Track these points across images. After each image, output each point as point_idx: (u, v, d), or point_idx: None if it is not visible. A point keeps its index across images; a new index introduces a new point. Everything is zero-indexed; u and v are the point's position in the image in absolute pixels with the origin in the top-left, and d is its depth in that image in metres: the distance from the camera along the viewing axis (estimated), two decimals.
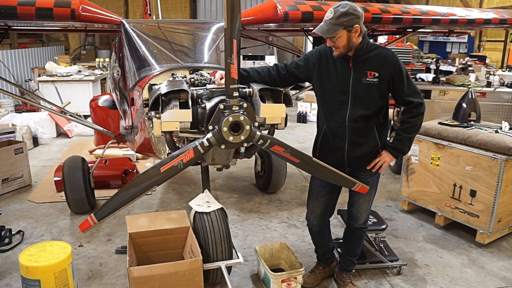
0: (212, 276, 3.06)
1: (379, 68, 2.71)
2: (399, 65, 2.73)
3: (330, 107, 2.84)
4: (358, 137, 2.81)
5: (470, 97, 4.46)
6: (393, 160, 2.89)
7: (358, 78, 2.72)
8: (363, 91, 2.73)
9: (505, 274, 3.50)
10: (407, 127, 2.81)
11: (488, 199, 3.77)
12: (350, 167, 2.92)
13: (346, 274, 3.26)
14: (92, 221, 2.52)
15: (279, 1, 3.99)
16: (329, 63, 2.81)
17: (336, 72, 2.78)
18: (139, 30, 3.99)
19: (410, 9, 4.66)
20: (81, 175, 4.33)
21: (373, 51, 2.74)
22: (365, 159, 2.88)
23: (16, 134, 6.43)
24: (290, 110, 7.65)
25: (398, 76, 2.73)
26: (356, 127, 2.78)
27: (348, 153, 2.84)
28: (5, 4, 3.27)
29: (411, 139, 2.87)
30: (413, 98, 2.76)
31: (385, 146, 2.89)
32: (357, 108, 2.75)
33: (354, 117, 2.76)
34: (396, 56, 2.77)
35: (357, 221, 3.09)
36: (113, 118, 5.01)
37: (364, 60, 2.73)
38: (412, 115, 2.79)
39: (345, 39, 2.63)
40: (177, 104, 2.63)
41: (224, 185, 5.46)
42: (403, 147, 2.86)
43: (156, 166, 2.53)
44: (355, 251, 3.22)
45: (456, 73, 8.39)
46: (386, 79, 2.71)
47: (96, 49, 14.48)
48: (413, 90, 2.77)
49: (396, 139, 2.84)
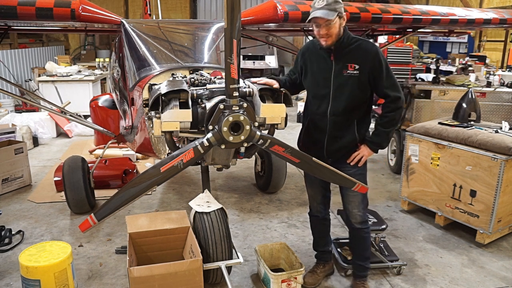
0: (212, 276, 3.06)
1: (359, 61, 2.75)
2: (378, 57, 2.77)
3: (314, 101, 2.92)
4: (337, 131, 2.87)
5: (470, 97, 4.47)
6: (371, 154, 2.93)
7: (339, 70, 2.78)
8: (344, 84, 2.78)
9: (505, 274, 3.50)
10: (385, 121, 2.86)
11: (488, 199, 3.77)
12: (330, 159, 2.95)
13: (360, 281, 3.22)
14: (92, 221, 2.52)
15: (279, 1, 3.99)
16: (312, 58, 2.89)
17: (318, 66, 2.85)
18: (139, 30, 3.99)
19: (410, 9, 4.66)
20: (81, 175, 4.33)
21: (354, 44, 2.78)
22: (343, 151, 2.94)
23: (16, 134, 6.43)
24: (290, 110, 7.65)
25: (377, 69, 2.76)
26: (336, 121, 2.84)
27: (327, 145, 2.92)
28: (5, 4, 3.27)
29: (389, 133, 2.92)
30: (390, 91, 2.79)
31: (364, 140, 2.93)
32: (338, 101, 2.80)
33: (335, 110, 2.82)
34: (377, 48, 2.81)
35: (353, 217, 3.05)
36: (113, 118, 5.00)
37: (345, 53, 2.78)
38: (389, 109, 2.83)
39: (338, 27, 2.70)
40: (177, 104, 2.64)
41: (224, 185, 5.46)
42: (381, 142, 2.91)
43: (156, 166, 2.53)
44: (363, 254, 3.18)
45: (456, 73, 8.39)
46: (366, 72, 2.76)
47: (96, 49, 14.49)
48: (391, 83, 2.80)
49: (374, 134, 2.91)
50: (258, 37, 6.10)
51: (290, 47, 6.99)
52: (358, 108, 2.86)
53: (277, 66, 13.24)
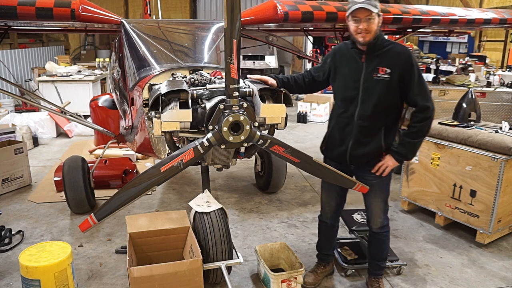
0: (212, 276, 3.06)
1: (391, 65, 2.67)
2: (411, 61, 2.67)
3: (342, 103, 2.84)
4: (363, 136, 2.79)
5: (470, 97, 4.46)
6: (396, 164, 2.82)
7: (370, 73, 2.70)
8: (373, 87, 2.70)
9: (505, 274, 3.50)
10: (412, 132, 2.74)
11: (488, 199, 3.77)
12: (352, 165, 2.91)
13: (375, 278, 3.23)
14: (92, 221, 2.52)
15: (279, 1, 3.99)
16: (343, 59, 2.81)
17: (349, 67, 2.78)
18: (139, 30, 3.99)
19: (410, 9, 4.66)
20: (81, 175, 4.33)
21: (386, 47, 2.71)
22: (366, 159, 2.86)
23: (16, 134, 6.43)
24: (290, 110, 7.65)
25: (408, 74, 2.67)
26: (363, 125, 2.76)
27: (351, 150, 2.84)
28: (5, 4, 3.27)
29: (416, 144, 2.79)
30: (419, 99, 2.67)
31: (389, 149, 2.84)
32: (366, 105, 2.73)
33: (362, 114, 2.74)
34: (410, 52, 2.71)
35: (373, 225, 3.07)
36: (113, 118, 5.00)
37: (376, 56, 2.70)
38: (418, 120, 2.71)
39: (376, 24, 2.63)
40: (177, 104, 2.64)
41: (224, 185, 5.46)
42: (406, 153, 2.80)
43: (156, 166, 2.53)
44: (380, 255, 3.19)
45: (456, 73, 8.38)
46: (396, 76, 2.67)
47: (96, 49, 14.48)
48: (421, 91, 2.68)
49: (400, 144, 2.79)
50: (258, 37, 6.09)
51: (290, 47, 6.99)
52: (386, 115, 2.77)
53: (277, 66, 13.24)
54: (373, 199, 2.97)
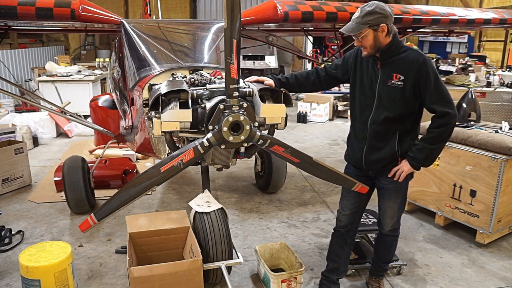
0: (212, 276, 3.06)
1: (405, 71, 2.60)
2: (426, 68, 2.58)
3: (359, 108, 2.82)
4: (376, 141, 2.75)
5: (470, 97, 4.46)
6: (411, 170, 2.73)
7: (384, 80, 2.66)
8: (387, 94, 2.66)
9: (505, 274, 3.50)
10: (430, 137, 2.64)
11: (488, 199, 3.77)
12: (370, 171, 2.87)
13: (376, 278, 3.23)
14: (92, 221, 2.52)
15: (279, 1, 3.99)
16: (363, 64, 2.78)
17: (367, 73, 2.74)
18: (139, 30, 3.99)
19: (410, 9, 4.66)
20: (81, 175, 4.33)
21: (402, 53, 2.64)
22: (381, 164, 2.80)
23: (16, 134, 6.43)
24: (290, 110, 7.65)
25: (424, 81, 2.58)
26: (376, 130, 2.72)
27: (366, 155, 2.80)
28: (5, 4, 3.27)
29: (434, 151, 2.68)
30: (437, 107, 2.58)
31: (405, 154, 2.75)
32: (380, 110, 2.69)
33: (375, 120, 2.70)
34: (425, 58, 2.61)
35: (383, 227, 3.03)
36: (113, 118, 5.00)
37: (391, 62, 2.65)
38: (437, 125, 2.61)
39: (372, 39, 2.57)
40: (177, 104, 2.64)
41: (224, 185, 5.46)
42: (423, 159, 2.69)
43: (156, 166, 2.53)
44: (386, 257, 3.18)
45: (456, 73, 8.39)
46: (411, 83, 2.59)
47: (96, 49, 14.48)
48: (440, 97, 2.59)
49: (417, 149, 2.69)
50: (258, 37, 6.10)
51: (290, 47, 7.00)
52: (401, 121, 2.69)
53: (277, 66, 13.24)
54: (387, 202, 2.91)
